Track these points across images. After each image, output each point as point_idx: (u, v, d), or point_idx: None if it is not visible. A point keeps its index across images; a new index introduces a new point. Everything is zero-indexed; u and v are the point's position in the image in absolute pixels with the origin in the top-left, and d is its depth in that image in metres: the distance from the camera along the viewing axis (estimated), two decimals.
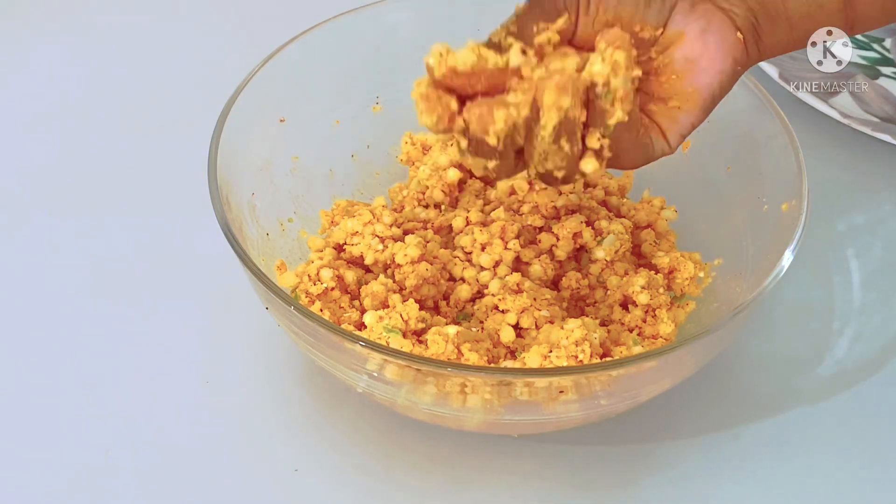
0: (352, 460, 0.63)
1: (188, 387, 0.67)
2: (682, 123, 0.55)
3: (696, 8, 0.54)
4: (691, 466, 0.64)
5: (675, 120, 0.55)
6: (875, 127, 0.82)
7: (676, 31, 0.54)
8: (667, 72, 0.54)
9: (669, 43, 0.54)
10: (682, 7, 0.54)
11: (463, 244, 0.66)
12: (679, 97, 0.54)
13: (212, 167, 0.62)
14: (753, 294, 0.57)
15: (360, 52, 0.73)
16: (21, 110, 0.87)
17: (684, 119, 0.55)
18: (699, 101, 0.54)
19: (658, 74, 0.54)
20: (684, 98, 0.54)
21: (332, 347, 0.57)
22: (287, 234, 0.69)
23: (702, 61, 0.54)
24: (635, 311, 0.63)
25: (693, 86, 0.54)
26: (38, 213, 0.78)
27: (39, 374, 0.67)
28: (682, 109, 0.55)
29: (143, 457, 0.63)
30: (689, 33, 0.54)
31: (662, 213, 0.70)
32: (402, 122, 0.74)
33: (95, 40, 0.94)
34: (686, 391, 0.65)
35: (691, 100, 0.54)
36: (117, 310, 0.71)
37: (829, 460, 0.64)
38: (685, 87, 0.54)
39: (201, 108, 0.71)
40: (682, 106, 0.54)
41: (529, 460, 0.63)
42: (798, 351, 0.70)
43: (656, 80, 0.54)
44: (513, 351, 0.62)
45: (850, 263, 0.75)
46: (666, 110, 0.55)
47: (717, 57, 0.54)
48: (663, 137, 0.55)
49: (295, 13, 0.84)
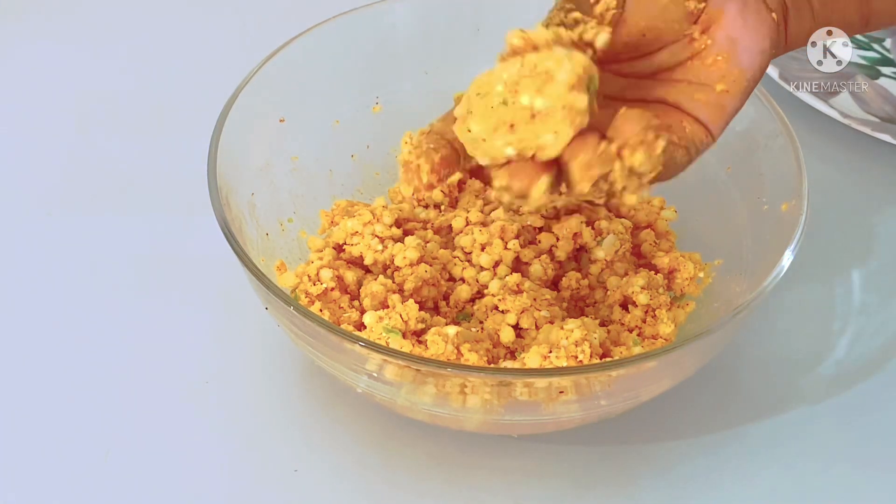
0: (352, 460, 0.63)
1: (188, 387, 0.67)
2: (728, 109, 0.54)
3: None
4: (691, 466, 0.64)
5: (721, 107, 0.54)
6: (875, 127, 0.82)
7: (717, 9, 0.53)
8: (711, 53, 0.53)
9: (711, 22, 0.53)
10: None
11: (463, 244, 0.66)
12: (726, 79, 0.53)
13: (212, 167, 0.62)
14: (753, 294, 0.57)
15: (360, 52, 0.73)
16: (21, 110, 0.87)
17: (729, 104, 0.54)
18: (744, 82, 0.53)
19: (703, 57, 0.53)
20: (731, 80, 0.53)
21: (332, 347, 0.57)
22: (287, 235, 0.69)
23: (744, 40, 0.53)
24: (635, 312, 0.63)
25: (738, 66, 0.53)
26: (38, 213, 0.78)
27: (39, 374, 0.67)
28: (729, 93, 0.53)
29: (143, 457, 0.63)
30: (728, 12, 0.53)
31: (662, 213, 0.70)
32: (402, 122, 0.74)
33: (95, 40, 0.94)
34: (686, 391, 0.65)
35: (737, 82, 0.53)
36: (117, 310, 0.71)
37: (829, 460, 0.64)
38: (731, 68, 0.53)
39: (201, 108, 0.71)
40: (729, 89, 0.53)
41: (529, 460, 0.63)
42: (798, 351, 0.70)
43: (701, 64, 0.53)
44: (512, 351, 0.62)
45: (850, 263, 0.75)
46: (713, 97, 0.53)
47: (757, 36, 0.53)
48: (706, 129, 0.53)
49: (295, 13, 0.84)
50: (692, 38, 0.53)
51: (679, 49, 0.53)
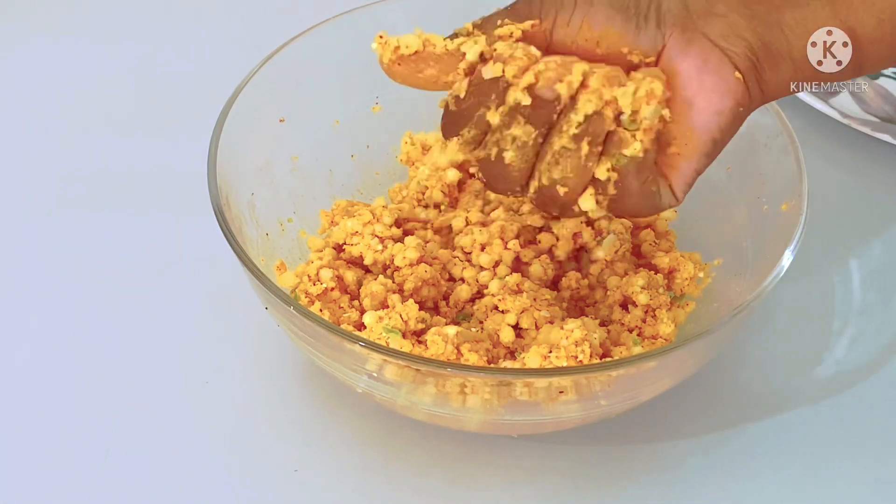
0: (352, 460, 0.63)
1: (188, 387, 0.67)
2: (685, 171, 0.53)
3: (692, 45, 0.51)
4: (691, 466, 0.64)
5: (676, 168, 0.52)
6: (875, 127, 0.82)
7: (671, 67, 0.51)
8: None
9: (667, 79, 0.51)
10: (676, 42, 0.51)
11: (463, 244, 0.66)
12: (677, 142, 0.52)
13: (212, 167, 0.62)
14: (753, 294, 0.57)
15: (360, 52, 0.73)
16: (21, 110, 0.87)
17: (686, 167, 0.52)
18: (699, 144, 0.52)
19: None
20: (683, 142, 0.52)
21: (332, 347, 0.57)
22: (287, 234, 0.69)
23: (698, 101, 0.51)
24: (635, 312, 0.63)
25: (691, 129, 0.51)
26: (37, 213, 0.78)
27: (39, 374, 0.67)
28: (682, 156, 0.52)
29: (143, 457, 0.63)
30: (685, 72, 0.51)
31: (662, 213, 0.70)
32: (402, 122, 0.74)
33: (95, 40, 0.94)
34: (686, 391, 0.65)
35: (690, 144, 0.52)
36: (116, 309, 0.71)
37: (828, 460, 0.64)
38: (683, 130, 0.52)
39: (201, 108, 0.71)
40: (681, 152, 0.52)
41: (529, 460, 0.63)
42: (798, 351, 0.70)
43: None
44: (512, 351, 0.62)
45: (850, 263, 0.75)
46: (666, 158, 0.52)
47: (714, 97, 0.51)
48: (670, 188, 0.53)
49: (295, 13, 0.84)
50: None
51: None
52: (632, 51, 0.52)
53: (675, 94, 0.51)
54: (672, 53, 0.51)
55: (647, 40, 0.51)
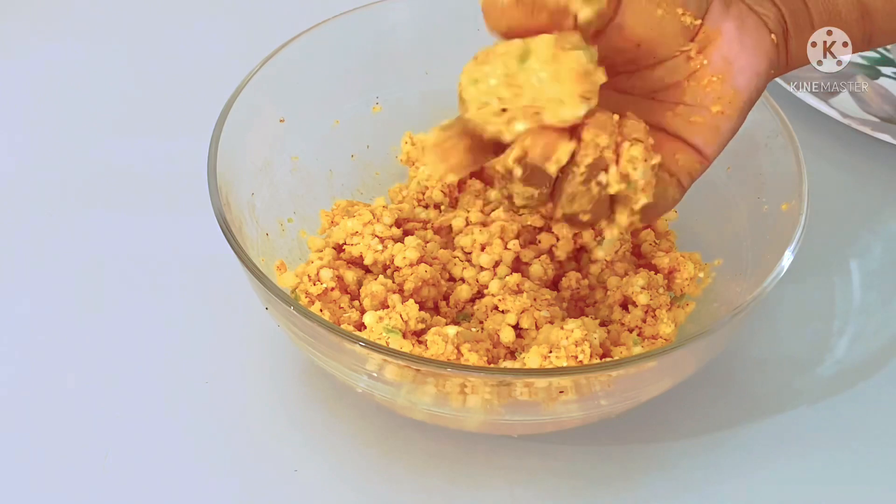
0: (352, 460, 0.63)
1: (188, 387, 0.67)
2: (723, 131, 0.54)
3: (731, 8, 0.53)
4: (691, 466, 0.64)
5: (716, 129, 0.53)
6: (875, 127, 0.82)
7: (714, 28, 0.53)
8: (707, 74, 0.53)
9: (707, 41, 0.53)
10: (717, 6, 0.53)
11: (463, 244, 0.66)
12: (721, 101, 0.53)
13: (211, 167, 0.62)
14: (753, 294, 0.57)
15: (360, 52, 0.73)
16: (21, 110, 0.87)
17: (725, 126, 0.54)
18: (739, 104, 0.53)
19: (699, 78, 0.53)
20: (726, 101, 0.53)
21: (332, 347, 0.57)
22: (287, 234, 0.69)
23: (740, 61, 0.53)
24: (635, 312, 0.63)
25: (734, 88, 0.53)
26: (38, 213, 0.78)
27: (39, 374, 0.67)
28: (724, 114, 0.53)
29: (143, 457, 0.63)
30: (726, 32, 0.53)
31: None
32: (402, 122, 0.74)
33: (95, 40, 0.94)
34: (686, 391, 0.65)
35: (733, 103, 0.53)
36: (116, 310, 0.71)
37: (828, 460, 0.64)
38: (726, 89, 0.53)
39: (201, 108, 0.71)
40: (724, 111, 0.53)
41: (529, 460, 0.63)
42: (798, 351, 0.70)
43: (697, 84, 0.53)
44: (512, 351, 0.62)
45: (850, 263, 0.75)
46: (709, 118, 0.53)
47: (754, 58, 0.53)
48: (697, 156, 0.54)
49: (295, 13, 0.84)
50: (689, 56, 0.53)
51: (675, 67, 0.53)
52: (685, 11, 0.52)
53: (717, 55, 0.53)
54: (714, 16, 0.53)
55: (696, 2, 0.52)
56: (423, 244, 0.66)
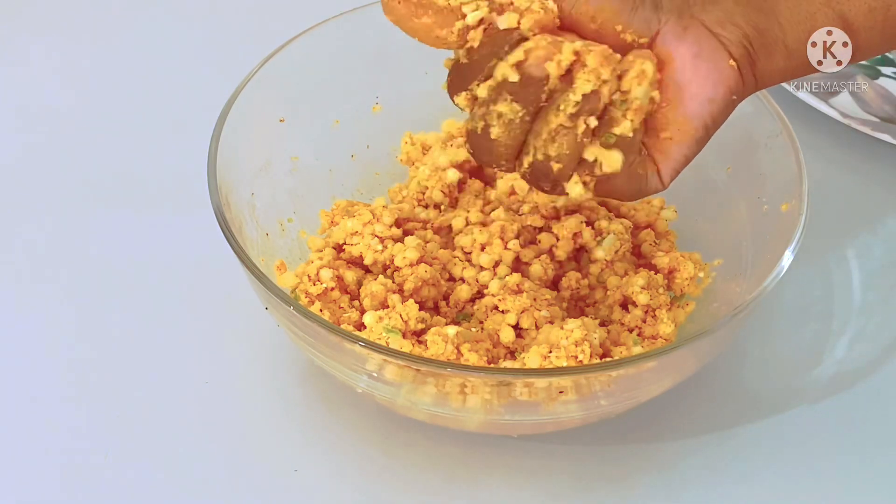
0: (352, 460, 0.63)
1: (188, 387, 0.67)
2: (675, 157, 0.53)
3: (688, 31, 0.51)
4: (691, 466, 0.64)
5: (667, 154, 0.53)
6: (875, 127, 0.82)
7: (666, 52, 0.52)
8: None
9: (661, 66, 0.52)
10: (672, 28, 0.51)
11: (463, 244, 0.66)
12: (671, 127, 0.52)
13: (211, 167, 0.62)
14: (753, 294, 0.57)
15: (360, 52, 0.73)
16: (21, 110, 0.87)
17: (676, 152, 0.53)
18: (691, 131, 0.52)
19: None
20: (675, 128, 0.52)
21: (332, 347, 0.57)
22: (287, 234, 0.69)
23: (692, 87, 0.51)
24: (635, 312, 0.63)
25: (683, 114, 0.52)
26: (37, 213, 0.78)
27: (39, 374, 0.67)
28: (673, 140, 0.52)
29: (143, 457, 0.63)
30: (679, 57, 0.51)
31: (662, 213, 0.70)
32: (402, 122, 0.74)
33: (95, 40, 0.94)
34: (686, 391, 0.65)
35: (682, 130, 0.52)
36: (117, 309, 0.71)
37: (829, 460, 0.64)
38: (676, 116, 0.52)
39: (201, 108, 0.71)
40: (673, 137, 0.52)
41: (529, 460, 0.63)
42: (798, 351, 0.70)
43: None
44: (512, 351, 0.62)
45: (850, 263, 0.75)
46: (658, 143, 0.53)
47: (708, 84, 0.51)
48: (657, 173, 0.53)
49: (295, 13, 0.84)
50: None
51: None
52: (625, 29, 0.52)
53: (669, 80, 0.52)
54: (667, 38, 0.52)
55: (642, 21, 0.52)
56: (423, 244, 0.66)
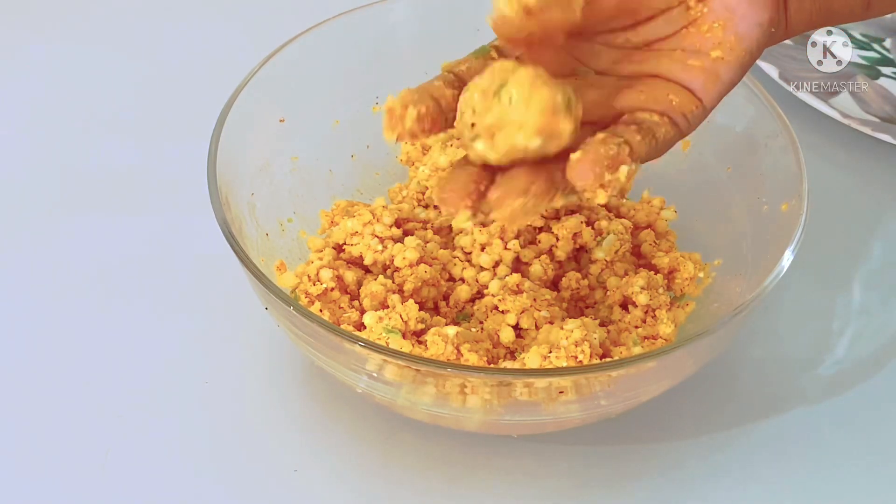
0: (352, 460, 0.63)
1: (188, 387, 0.67)
2: (723, 77, 0.53)
3: None
4: (691, 466, 0.64)
5: (715, 74, 0.53)
6: (875, 127, 0.82)
7: None
8: (707, 21, 0.52)
9: None
10: None
11: (462, 244, 0.66)
12: (722, 46, 0.52)
13: (211, 167, 0.62)
14: (753, 294, 0.57)
15: (360, 52, 0.73)
16: (21, 110, 0.87)
17: (724, 72, 0.53)
18: (741, 52, 0.53)
19: (699, 25, 0.53)
20: (727, 48, 0.52)
21: (332, 348, 0.57)
22: (287, 235, 0.69)
23: (741, 9, 0.52)
24: (635, 312, 0.63)
25: (735, 35, 0.52)
26: (38, 213, 0.78)
27: (39, 374, 0.67)
28: (724, 60, 0.53)
29: (143, 457, 0.63)
30: None
31: (662, 213, 0.70)
32: None
33: (95, 40, 0.94)
34: (686, 391, 0.65)
35: (734, 50, 0.52)
36: (117, 310, 0.71)
37: (829, 460, 0.64)
38: (728, 35, 0.52)
39: (201, 108, 0.71)
40: (725, 56, 0.52)
41: (529, 460, 0.63)
42: (798, 351, 0.70)
43: (697, 31, 0.53)
44: (512, 351, 0.62)
45: (850, 263, 0.75)
46: (708, 63, 0.53)
47: (756, 7, 0.52)
48: (694, 100, 0.52)
49: (295, 13, 0.84)
50: (688, 6, 0.53)
51: (674, 18, 0.53)
52: None
53: (719, 2, 0.52)
54: None
55: None
56: (423, 244, 0.66)
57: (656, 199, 0.71)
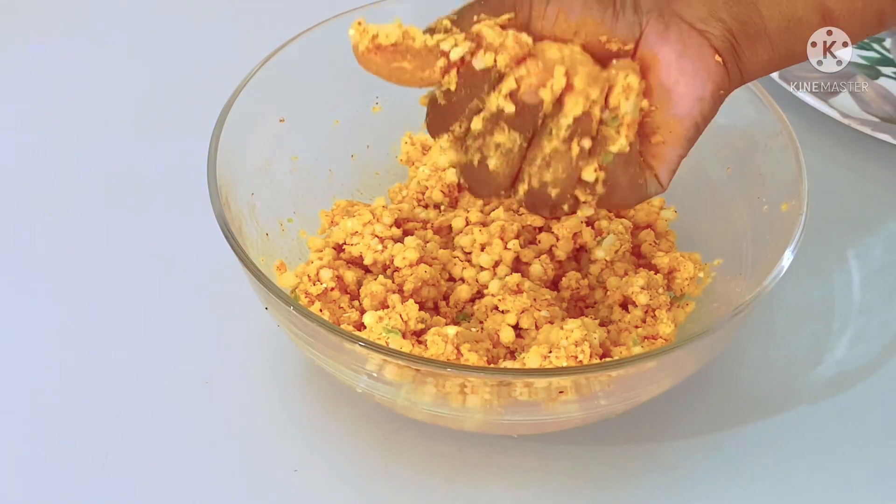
0: (352, 460, 0.63)
1: (188, 387, 0.67)
2: (670, 159, 0.53)
3: (670, 30, 0.50)
4: (691, 466, 0.64)
5: (662, 157, 0.52)
6: (875, 127, 0.83)
7: (650, 53, 0.51)
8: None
9: (646, 69, 0.51)
10: (655, 28, 0.50)
11: (462, 244, 0.66)
12: (662, 130, 0.52)
13: (211, 167, 0.62)
14: (753, 294, 0.57)
15: None
16: (21, 110, 0.87)
17: (670, 153, 0.52)
18: (682, 131, 0.52)
19: None
20: (667, 130, 0.52)
21: (332, 347, 0.57)
22: (287, 234, 0.69)
23: (679, 87, 0.51)
24: (635, 312, 0.63)
25: (674, 116, 0.51)
26: (37, 213, 0.78)
27: (39, 374, 0.67)
28: (667, 143, 0.52)
29: (143, 457, 0.63)
30: (664, 58, 0.50)
31: (662, 213, 0.70)
32: (402, 122, 0.74)
33: (95, 40, 0.94)
34: (686, 391, 0.65)
35: (674, 131, 0.52)
36: (116, 309, 0.71)
37: (829, 460, 0.64)
38: (667, 118, 0.51)
39: (201, 108, 0.71)
40: (666, 140, 0.52)
41: (529, 460, 0.63)
42: (798, 351, 0.70)
43: None
44: (512, 351, 0.62)
45: (850, 263, 0.75)
46: (651, 148, 0.52)
47: (696, 83, 0.51)
48: (655, 176, 0.53)
49: (295, 13, 0.84)
50: None
51: None
52: (610, 39, 0.51)
53: (655, 83, 0.51)
54: (651, 39, 0.51)
55: (625, 27, 0.50)
56: (423, 244, 0.66)
57: (656, 200, 0.71)
